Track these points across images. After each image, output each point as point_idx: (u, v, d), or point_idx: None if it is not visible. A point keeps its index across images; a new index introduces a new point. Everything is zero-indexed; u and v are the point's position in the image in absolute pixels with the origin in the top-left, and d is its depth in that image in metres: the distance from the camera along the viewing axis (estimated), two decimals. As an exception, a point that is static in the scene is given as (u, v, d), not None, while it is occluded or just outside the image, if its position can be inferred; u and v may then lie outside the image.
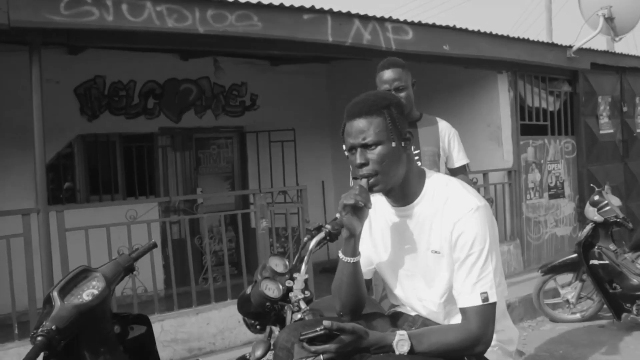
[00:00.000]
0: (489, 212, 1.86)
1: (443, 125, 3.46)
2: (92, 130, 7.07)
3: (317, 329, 1.73)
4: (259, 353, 2.54)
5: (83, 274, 2.30)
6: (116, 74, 7.09)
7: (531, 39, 6.98)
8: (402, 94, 3.24)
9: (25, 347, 3.91)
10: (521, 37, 6.86)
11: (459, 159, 3.47)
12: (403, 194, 1.94)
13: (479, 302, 1.78)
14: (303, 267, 2.64)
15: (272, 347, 2.54)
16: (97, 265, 2.33)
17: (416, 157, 3.28)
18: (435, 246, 1.87)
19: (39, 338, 2.05)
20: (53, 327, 2.07)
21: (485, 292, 1.78)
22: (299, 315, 2.32)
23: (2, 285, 4.18)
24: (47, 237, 4.11)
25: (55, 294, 2.21)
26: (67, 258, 4.24)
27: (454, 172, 3.46)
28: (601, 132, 8.14)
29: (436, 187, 1.91)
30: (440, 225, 1.85)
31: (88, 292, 2.21)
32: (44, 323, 2.10)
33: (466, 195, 1.86)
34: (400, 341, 1.75)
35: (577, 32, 7.48)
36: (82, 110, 6.97)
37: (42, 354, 2.05)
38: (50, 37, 4.04)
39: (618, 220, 5.10)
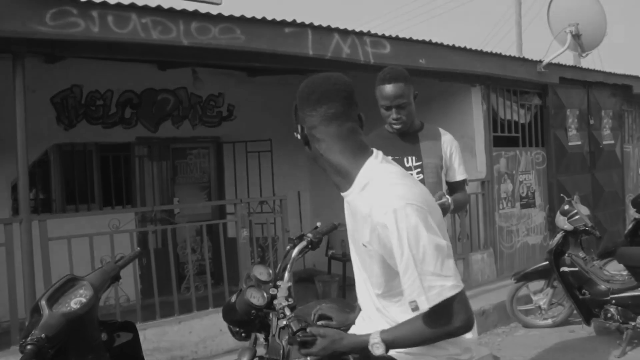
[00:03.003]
0: (411, 211, 1.67)
1: (446, 138, 3.25)
2: (68, 140, 7.03)
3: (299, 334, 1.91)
4: (243, 359, 2.60)
5: (70, 283, 2.34)
6: (93, 83, 7.06)
7: (503, 53, 7.20)
8: (404, 111, 3.04)
9: (6, 357, 3.89)
10: (494, 51, 7.07)
11: (459, 173, 3.27)
12: (337, 178, 1.85)
13: (417, 310, 1.69)
14: (286, 275, 2.71)
15: (257, 355, 2.61)
16: (78, 275, 2.37)
17: (418, 170, 3.14)
18: (365, 240, 1.78)
19: (29, 347, 2.08)
20: (42, 335, 2.10)
21: (414, 301, 1.68)
22: (284, 322, 2.38)
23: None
24: (29, 247, 4.09)
25: (43, 302, 2.24)
26: (49, 268, 4.23)
27: (453, 186, 3.29)
28: (570, 143, 8.41)
29: (369, 178, 1.78)
30: (369, 220, 1.75)
31: (76, 301, 2.25)
32: (33, 332, 2.13)
33: (390, 193, 1.71)
34: (375, 344, 1.75)
35: (546, 47, 7.78)
36: (58, 119, 6.92)
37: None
38: (36, 47, 4.05)
39: (587, 228, 5.29)
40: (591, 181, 8.78)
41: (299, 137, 1.85)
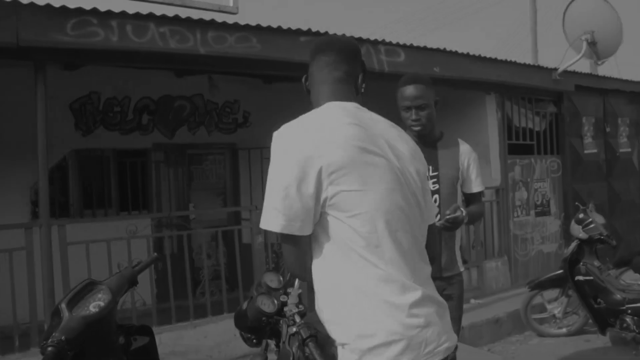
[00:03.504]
0: (285, 138, 1.76)
1: (464, 149, 3.22)
2: (86, 145, 7.13)
3: None
4: (255, 365, 2.64)
5: (89, 287, 2.40)
6: (111, 89, 7.16)
7: (518, 61, 7.20)
8: (423, 113, 3.03)
9: (27, 358, 3.97)
10: (508, 59, 7.07)
11: (476, 185, 3.23)
12: None
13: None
14: (297, 282, 2.75)
15: (267, 360, 2.64)
16: (96, 279, 2.44)
17: (434, 180, 3.10)
18: None
19: (49, 349, 2.15)
20: (62, 337, 2.16)
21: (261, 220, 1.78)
22: (294, 329, 2.42)
23: (3, 298, 4.24)
24: (49, 251, 4.18)
25: (63, 305, 2.31)
26: (67, 271, 4.31)
27: (469, 197, 3.24)
28: (585, 151, 8.36)
29: None
30: None
31: (95, 304, 2.31)
32: (53, 334, 2.19)
33: (291, 122, 1.82)
34: None
35: (562, 54, 7.74)
36: (77, 125, 7.03)
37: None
38: (56, 56, 4.14)
39: (602, 237, 5.26)
40: (607, 189, 8.72)
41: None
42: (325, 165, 1.67)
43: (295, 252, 1.75)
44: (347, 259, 1.70)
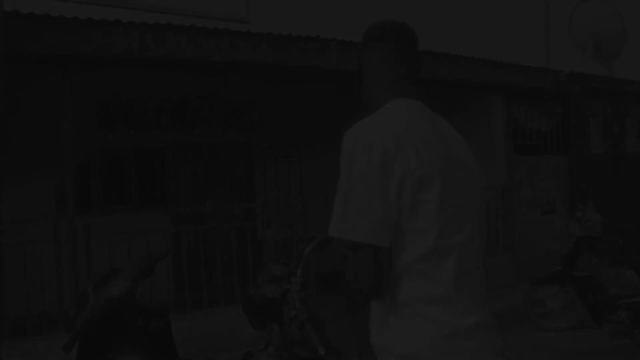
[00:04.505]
0: (361, 136, 1.62)
1: None
2: (108, 144, 7.38)
3: None
4: (260, 346, 2.94)
5: (112, 274, 2.74)
6: (132, 90, 7.41)
7: (524, 64, 7.36)
8: None
9: (53, 340, 4.30)
10: (514, 62, 7.23)
11: None
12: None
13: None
14: (299, 271, 3.02)
15: (271, 342, 2.93)
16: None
17: None
18: None
19: (78, 326, 2.50)
20: (89, 316, 2.51)
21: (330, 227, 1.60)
22: (293, 313, 2.70)
23: (33, 286, 4.58)
24: (74, 243, 4.50)
25: (90, 289, 2.67)
26: (91, 261, 4.63)
27: None
28: (592, 151, 8.47)
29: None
30: None
31: (117, 289, 2.64)
32: (81, 314, 2.54)
33: (364, 120, 1.69)
34: None
35: (574, 55, 7.86)
36: (99, 124, 7.31)
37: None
38: (82, 63, 4.45)
39: (599, 235, 5.44)
40: (614, 188, 8.80)
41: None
42: (409, 171, 1.54)
43: (371, 266, 1.54)
44: (407, 273, 1.58)
